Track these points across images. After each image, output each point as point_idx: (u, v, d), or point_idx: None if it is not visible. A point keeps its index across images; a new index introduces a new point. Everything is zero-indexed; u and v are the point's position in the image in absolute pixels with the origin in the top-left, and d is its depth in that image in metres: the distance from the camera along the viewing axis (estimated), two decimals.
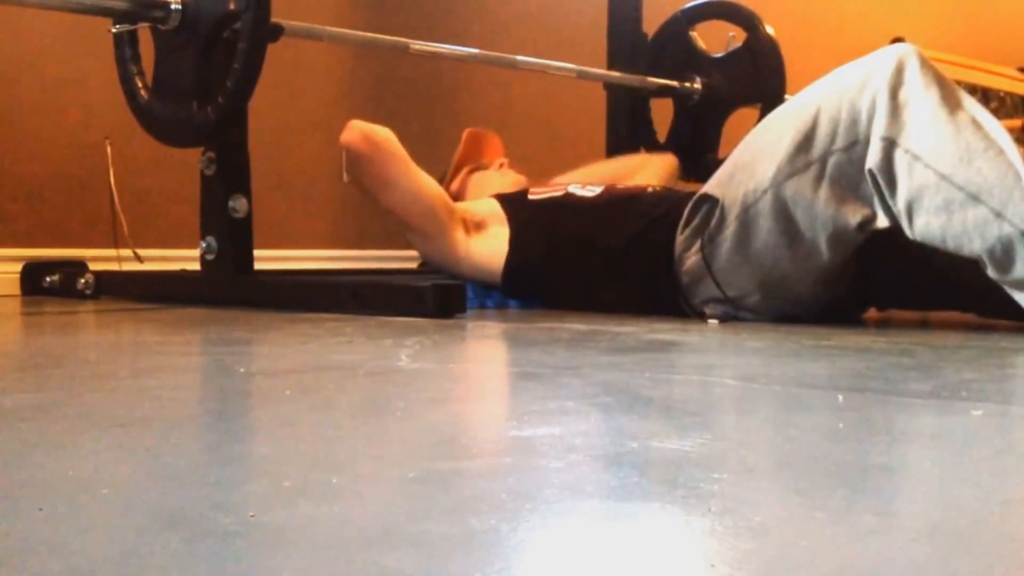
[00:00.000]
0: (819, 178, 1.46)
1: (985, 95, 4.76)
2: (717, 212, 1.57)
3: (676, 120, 2.69)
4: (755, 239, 1.54)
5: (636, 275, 1.74)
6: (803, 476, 0.58)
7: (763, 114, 2.55)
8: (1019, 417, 0.80)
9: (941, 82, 1.41)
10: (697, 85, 2.63)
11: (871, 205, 1.44)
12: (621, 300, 1.77)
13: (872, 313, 1.83)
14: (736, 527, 0.45)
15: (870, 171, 1.41)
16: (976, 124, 1.37)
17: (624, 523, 0.46)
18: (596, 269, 1.78)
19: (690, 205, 1.64)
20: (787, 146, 1.48)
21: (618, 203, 1.84)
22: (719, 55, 2.61)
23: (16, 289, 2.15)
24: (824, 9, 4.19)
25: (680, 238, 1.65)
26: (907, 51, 1.43)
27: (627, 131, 2.69)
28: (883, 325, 1.67)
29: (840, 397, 0.88)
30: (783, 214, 1.50)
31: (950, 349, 1.26)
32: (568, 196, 1.90)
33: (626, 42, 2.73)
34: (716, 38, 2.64)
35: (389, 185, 1.84)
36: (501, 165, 2.17)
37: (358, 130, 1.83)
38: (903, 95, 1.39)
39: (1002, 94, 4.85)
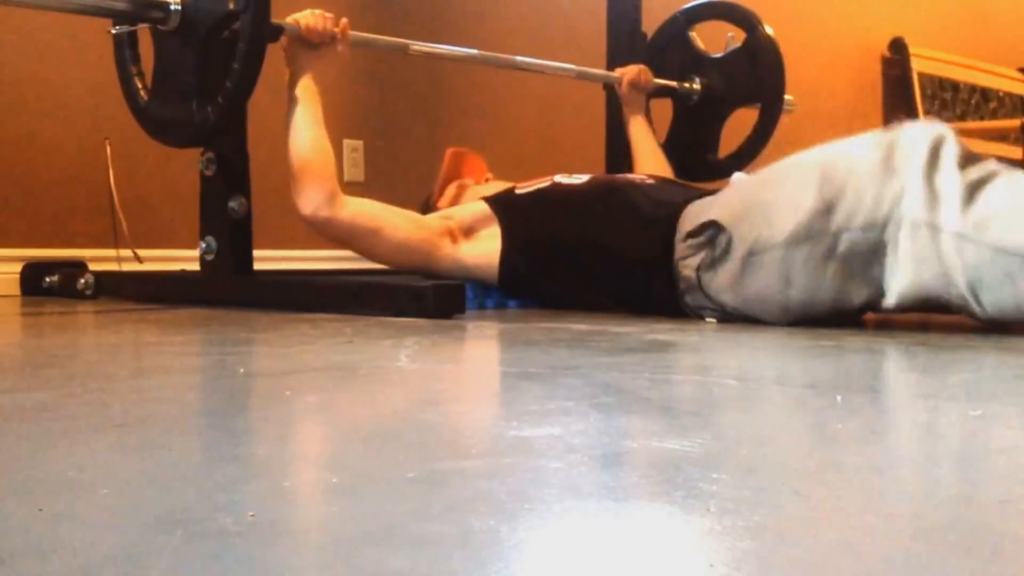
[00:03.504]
0: (831, 252, 1.44)
1: (985, 95, 4.77)
2: (722, 241, 1.56)
3: (676, 120, 2.69)
4: (753, 283, 1.54)
5: (631, 265, 1.74)
6: (803, 476, 0.58)
7: (763, 114, 2.55)
8: (1018, 417, 0.80)
9: (973, 160, 1.39)
10: (696, 86, 2.63)
11: (879, 286, 1.44)
12: (615, 287, 1.76)
13: (872, 313, 1.83)
14: (736, 527, 0.45)
15: (908, 254, 1.39)
16: (1015, 189, 1.36)
17: (624, 523, 0.46)
18: (589, 255, 1.78)
19: (698, 224, 1.62)
20: (808, 208, 1.45)
21: (604, 190, 1.85)
22: (718, 55, 2.61)
23: (16, 289, 2.15)
24: (824, 9, 4.19)
25: (680, 245, 1.64)
26: (941, 134, 1.41)
27: (627, 131, 2.68)
28: (883, 325, 1.67)
29: (839, 397, 0.88)
30: (787, 274, 1.49)
31: (950, 349, 1.26)
32: (555, 186, 1.90)
33: (626, 42, 2.72)
34: (716, 38, 2.64)
35: (366, 254, 1.88)
36: (487, 180, 2.17)
37: (322, 217, 1.76)
38: (939, 181, 1.37)
39: (1002, 94, 4.85)
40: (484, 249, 1.86)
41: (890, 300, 1.44)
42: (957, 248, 1.35)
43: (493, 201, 1.91)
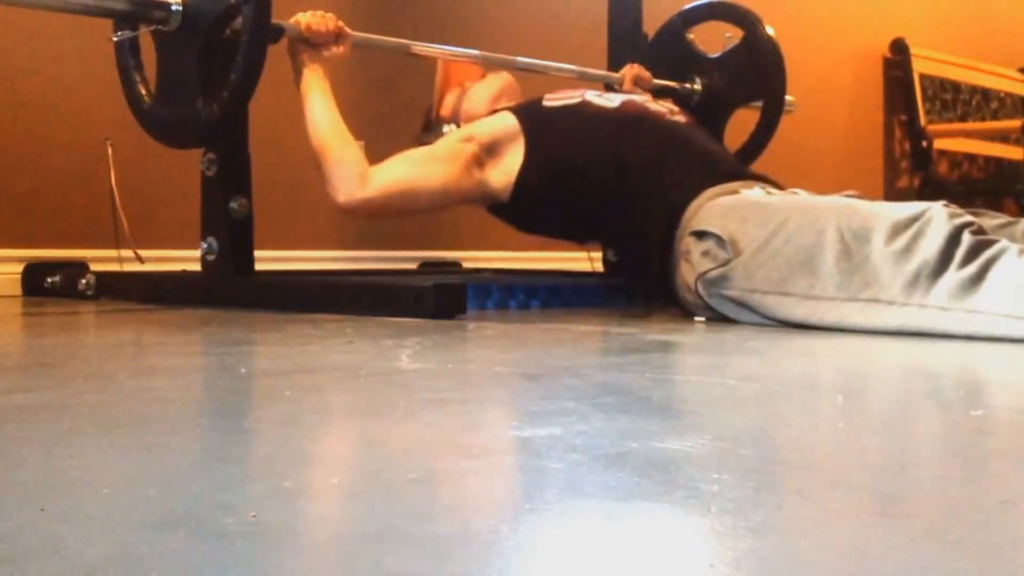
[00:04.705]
0: (832, 312, 1.46)
1: (986, 96, 4.76)
2: (727, 265, 1.55)
3: None
4: (747, 314, 1.56)
5: (636, 234, 1.74)
6: (803, 476, 0.58)
7: (766, 109, 2.55)
8: (1016, 418, 0.80)
9: (984, 247, 1.38)
10: (697, 86, 2.63)
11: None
12: (616, 244, 1.77)
13: None
14: (736, 527, 0.45)
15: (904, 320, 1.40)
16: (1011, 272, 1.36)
17: (624, 523, 0.46)
18: (602, 200, 1.78)
19: (706, 230, 1.61)
20: (822, 274, 1.46)
21: (635, 121, 1.84)
22: (717, 55, 2.61)
23: (17, 289, 2.15)
24: (825, 10, 4.19)
25: (686, 238, 1.64)
26: (958, 224, 1.39)
27: None
28: None
29: (840, 397, 0.88)
30: (787, 317, 1.51)
31: (948, 348, 1.26)
32: (584, 104, 1.88)
33: (626, 43, 2.72)
34: (716, 41, 2.64)
35: (411, 213, 1.90)
36: (482, 76, 2.12)
37: (356, 201, 1.74)
38: (953, 265, 1.37)
39: (1003, 95, 4.85)
40: (506, 170, 1.82)
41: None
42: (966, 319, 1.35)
43: (520, 113, 1.87)
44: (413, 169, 1.81)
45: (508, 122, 1.85)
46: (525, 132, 1.83)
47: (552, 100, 1.89)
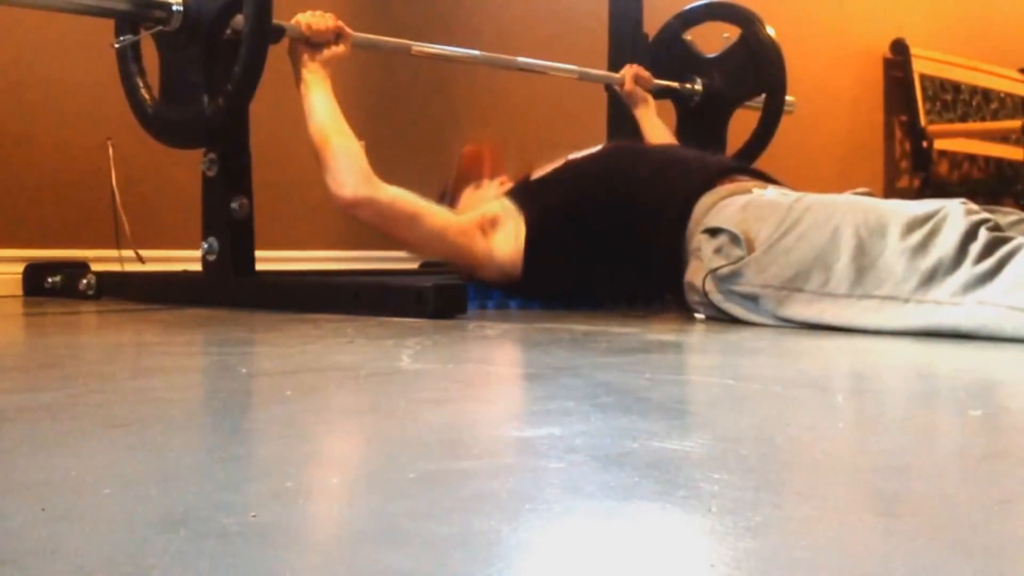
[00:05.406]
0: (845, 310, 1.45)
1: (986, 96, 4.76)
2: (739, 263, 1.54)
3: (680, 124, 2.69)
4: (754, 313, 1.55)
5: (643, 225, 1.74)
6: (803, 476, 0.58)
7: (768, 103, 2.55)
8: (1016, 417, 0.80)
9: (1001, 243, 1.37)
10: (698, 86, 2.63)
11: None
12: (627, 267, 1.78)
13: None
14: (736, 527, 0.45)
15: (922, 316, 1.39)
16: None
17: (624, 523, 0.46)
18: (613, 204, 1.78)
19: (719, 226, 1.61)
20: (837, 272, 1.46)
21: (621, 151, 1.87)
22: (716, 55, 2.62)
23: (18, 290, 2.15)
24: (825, 10, 4.19)
25: (697, 235, 1.63)
26: (975, 220, 1.39)
27: (629, 134, 2.68)
28: None
29: (840, 397, 0.88)
30: (790, 315, 1.50)
31: (947, 348, 1.26)
32: (569, 162, 1.91)
33: (627, 43, 2.72)
34: (715, 42, 2.65)
35: (404, 241, 1.88)
36: (502, 183, 2.14)
37: (363, 197, 1.74)
38: (968, 260, 1.36)
39: (1003, 95, 4.85)
40: (510, 239, 1.83)
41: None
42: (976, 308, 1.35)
43: (512, 193, 1.89)
44: (422, 203, 1.82)
45: (504, 203, 1.88)
46: (519, 204, 1.85)
47: (538, 173, 1.93)
